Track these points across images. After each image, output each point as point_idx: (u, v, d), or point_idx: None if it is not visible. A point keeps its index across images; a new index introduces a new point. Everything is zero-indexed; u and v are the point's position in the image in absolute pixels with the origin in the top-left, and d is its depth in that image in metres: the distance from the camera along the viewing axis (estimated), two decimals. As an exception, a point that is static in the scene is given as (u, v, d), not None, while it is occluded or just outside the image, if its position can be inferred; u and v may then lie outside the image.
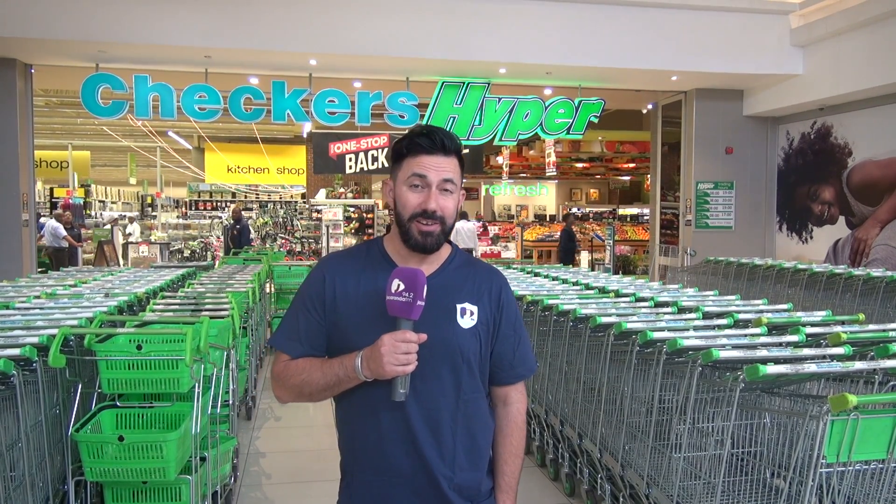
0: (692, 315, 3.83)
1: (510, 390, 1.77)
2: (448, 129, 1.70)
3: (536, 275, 6.26)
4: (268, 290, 8.72)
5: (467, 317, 1.67)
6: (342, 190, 19.71)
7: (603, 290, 5.03)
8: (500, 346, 1.72)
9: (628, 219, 22.84)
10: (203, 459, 3.24)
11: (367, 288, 1.65)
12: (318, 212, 17.70)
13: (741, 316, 3.80)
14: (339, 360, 1.61)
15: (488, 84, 9.72)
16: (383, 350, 1.50)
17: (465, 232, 13.87)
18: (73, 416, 3.05)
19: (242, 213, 15.47)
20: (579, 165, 20.39)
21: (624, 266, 14.58)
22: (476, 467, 1.69)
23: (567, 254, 14.54)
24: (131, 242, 14.82)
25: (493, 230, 17.19)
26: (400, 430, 1.62)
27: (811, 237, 10.17)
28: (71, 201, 15.83)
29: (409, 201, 1.64)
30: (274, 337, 1.73)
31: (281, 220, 19.35)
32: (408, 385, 1.55)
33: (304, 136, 18.29)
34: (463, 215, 17.20)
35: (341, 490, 1.74)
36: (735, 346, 2.86)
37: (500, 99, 9.82)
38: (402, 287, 1.51)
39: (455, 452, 1.65)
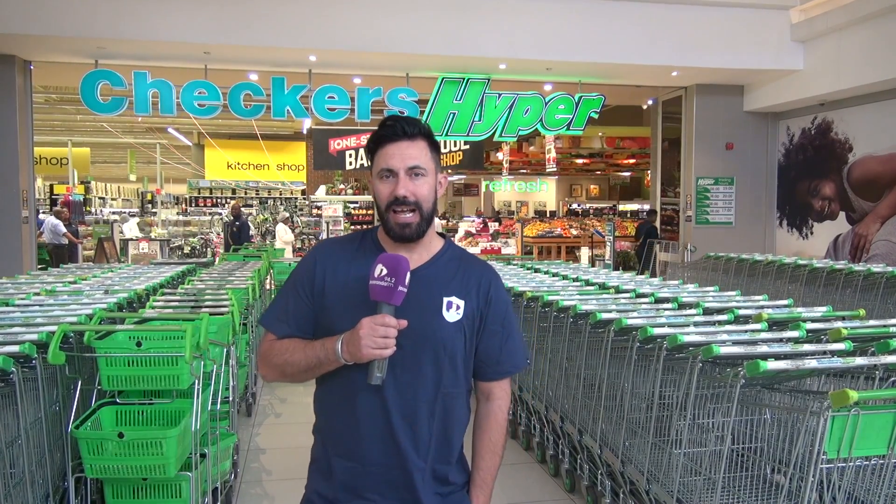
0: (692, 311, 3.82)
1: (494, 386, 1.77)
2: (412, 117, 1.72)
3: (537, 271, 6.26)
4: (268, 287, 8.72)
5: (453, 310, 1.67)
6: (342, 186, 19.73)
7: (603, 287, 5.02)
8: (487, 342, 1.72)
9: (628, 215, 22.81)
10: (203, 456, 3.24)
11: (356, 274, 1.67)
12: (318, 208, 17.72)
13: (741, 312, 3.79)
14: (321, 343, 1.62)
15: (488, 80, 9.70)
16: (362, 332, 1.52)
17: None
18: (73, 412, 3.05)
19: (242, 209, 15.45)
20: (579, 161, 20.38)
21: (624, 262, 14.56)
22: (447, 461, 1.70)
23: (649, 250, 11.78)
24: (132, 240, 14.81)
25: (493, 226, 17.19)
26: (377, 417, 1.63)
27: (811, 233, 10.17)
28: (71, 198, 15.81)
29: (381, 193, 1.67)
30: (263, 316, 1.75)
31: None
32: (385, 369, 1.56)
33: (304, 132, 18.30)
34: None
35: (311, 475, 1.75)
36: (735, 342, 2.85)
37: (500, 95, 9.81)
38: (384, 272, 1.53)
39: (430, 445, 1.66)
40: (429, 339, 1.63)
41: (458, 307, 1.67)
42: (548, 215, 23.93)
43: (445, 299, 1.67)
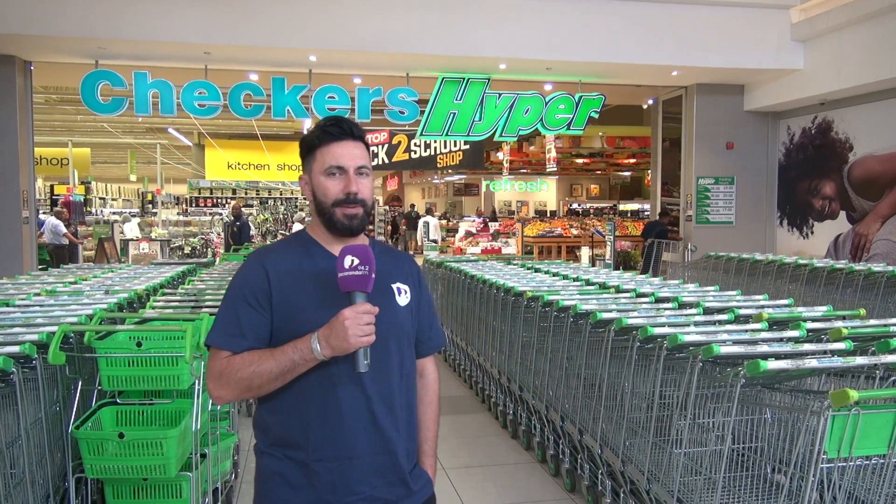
0: (693, 311, 3.82)
1: (426, 362, 1.90)
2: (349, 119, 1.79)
3: (537, 271, 6.26)
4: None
5: (403, 295, 1.78)
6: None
7: (603, 286, 5.02)
8: (421, 322, 1.85)
9: (629, 214, 22.81)
10: (203, 456, 3.24)
11: (311, 275, 1.69)
12: (319, 208, 17.70)
13: (742, 311, 3.79)
14: (291, 346, 1.60)
15: (488, 80, 9.70)
16: (347, 323, 1.53)
17: (432, 225, 15.64)
18: (74, 413, 3.05)
19: (243, 209, 15.47)
20: (580, 161, 20.38)
21: (624, 262, 14.56)
22: (413, 437, 1.80)
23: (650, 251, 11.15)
24: (133, 240, 14.82)
25: (493, 226, 17.19)
26: (359, 407, 1.66)
27: (812, 232, 10.16)
28: (71, 198, 15.81)
29: (329, 189, 1.70)
30: (211, 336, 1.67)
31: (281, 216, 19.36)
32: (369, 356, 1.59)
33: (305, 132, 18.32)
34: (428, 211, 18.01)
35: (273, 490, 1.68)
36: (736, 342, 2.85)
37: (500, 94, 9.81)
38: (356, 262, 1.57)
39: (403, 424, 1.74)
40: (391, 324, 1.69)
41: (405, 292, 1.79)
42: (548, 215, 23.95)
43: (394, 286, 1.76)
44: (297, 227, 15.62)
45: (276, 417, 1.69)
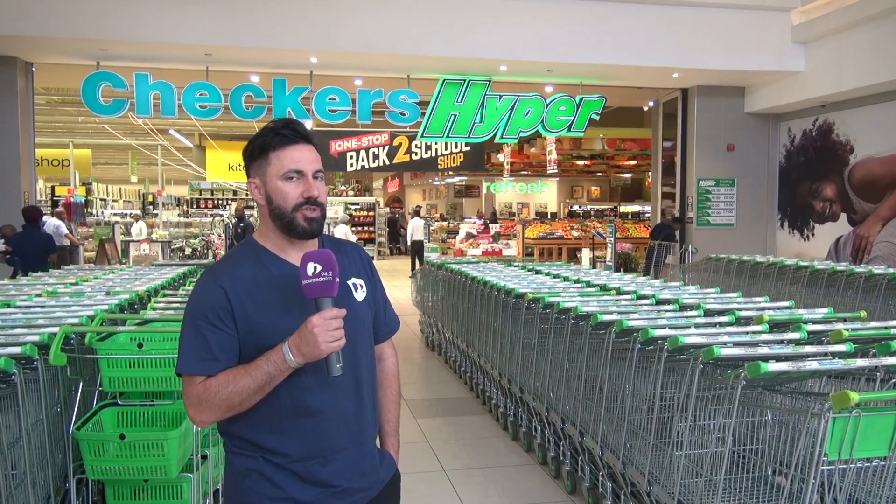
0: (693, 312, 3.82)
1: (384, 346, 1.94)
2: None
3: (538, 273, 6.26)
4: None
5: (360, 291, 1.80)
6: (343, 188, 19.74)
7: (604, 288, 5.02)
8: (376, 309, 1.88)
9: (630, 216, 22.82)
10: (204, 457, 3.24)
11: (268, 285, 1.68)
12: (320, 209, 17.74)
13: (743, 313, 3.78)
14: (263, 359, 1.59)
15: (489, 81, 9.71)
16: (316, 331, 1.53)
17: (425, 226, 16.49)
18: (75, 414, 3.05)
19: (245, 210, 15.52)
20: (580, 163, 20.39)
21: (625, 264, 14.55)
22: (377, 422, 1.87)
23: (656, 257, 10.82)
24: (134, 241, 14.82)
25: (493, 228, 17.18)
26: (334, 408, 1.68)
27: (813, 234, 10.16)
28: (72, 199, 15.83)
29: (289, 194, 1.68)
30: (183, 364, 1.63)
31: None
32: (342, 359, 1.60)
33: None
34: (417, 213, 18.18)
35: (251, 485, 1.66)
36: (736, 344, 2.85)
37: (501, 96, 9.82)
38: (319, 268, 1.57)
39: (371, 414, 1.79)
40: (354, 322, 1.69)
41: (361, 286, 1.81)
42: (549, 217, 23.94)
43: (350, 283, 1.78)
44: (345, 228, 15.85)
45: (247, 425, 1.67)
